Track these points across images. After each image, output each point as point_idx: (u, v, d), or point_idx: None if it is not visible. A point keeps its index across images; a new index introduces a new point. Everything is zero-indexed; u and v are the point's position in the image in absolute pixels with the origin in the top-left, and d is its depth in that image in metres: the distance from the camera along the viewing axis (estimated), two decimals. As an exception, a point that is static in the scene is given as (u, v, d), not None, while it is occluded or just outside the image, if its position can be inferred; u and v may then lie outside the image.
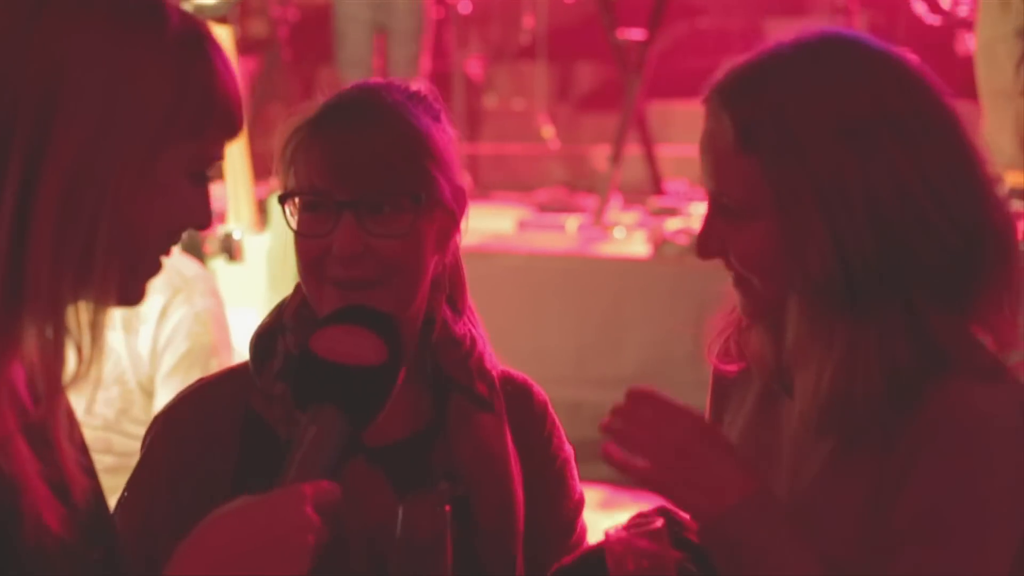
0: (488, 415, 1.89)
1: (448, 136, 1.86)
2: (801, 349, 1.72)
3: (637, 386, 1.73)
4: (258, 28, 8.91)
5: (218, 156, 1.54)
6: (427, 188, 1.81)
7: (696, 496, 1.68)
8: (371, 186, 1.79)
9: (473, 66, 8.91)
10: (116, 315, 2.75)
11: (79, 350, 1.45)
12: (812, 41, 1.74)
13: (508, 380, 1.96)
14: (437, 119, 1.86)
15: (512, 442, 1.91)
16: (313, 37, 8.83)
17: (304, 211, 1.81)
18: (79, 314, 1.45)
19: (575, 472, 2.01)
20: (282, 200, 1.82)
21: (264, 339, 1.88)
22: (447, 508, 1.68)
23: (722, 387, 1.95)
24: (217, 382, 1.94)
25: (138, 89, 1.45)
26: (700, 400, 6.15)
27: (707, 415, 1.98)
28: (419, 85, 1.90)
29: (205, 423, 1.87)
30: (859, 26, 6.84)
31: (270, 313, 1.91)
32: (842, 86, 1.70)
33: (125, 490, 1.88)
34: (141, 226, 1.47)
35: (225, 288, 3.12)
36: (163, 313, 2.84)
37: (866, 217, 1.67)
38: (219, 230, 3.94)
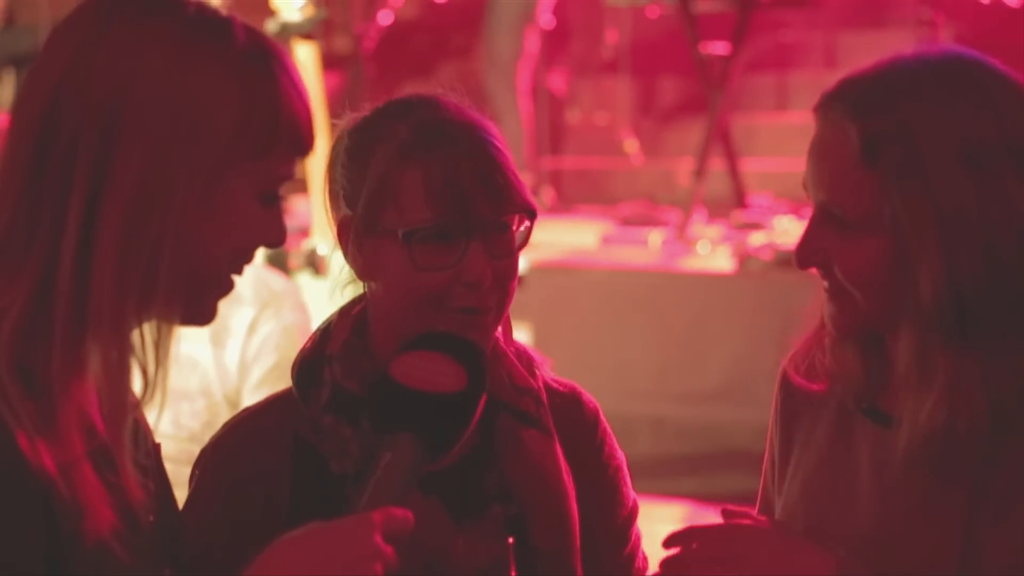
0: (536, 432, 1.85)
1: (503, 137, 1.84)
2: (907, 381, 1.71)
3: (675, 532, 1.74)
4: (342, 44, 8.97)
5: (288, 175, 1.52)
6: (528, 198, 1.80)
7: None
8: (495, 210, 1.76)
9: (556, 80, 8.92)
10: (204, 329, 2.78)
11: (144, 371, 1.45)
12: (936, 59, 1.73)
13: (555, 391, 1.92)
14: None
15: (563, 454, 1.88)
16: (396, 52, 8.88)
17: (424, 243, 1.75)
18: (144, 335, 1.45)
19: (628, 479, 1.98)
20: (408, 238, 1.75)
21: (308, 367, 1.84)
22: (510, 540, 1.66)
23: (793, 403, 1.92)
24: (263, 411, 1.91)
25: (203, 109, 1.44)
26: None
27: (771, 432, 1.96)
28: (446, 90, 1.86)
29: (254, 452, 1.84)
30: (944, 39, 6.78)
31: (311, 339, 1.87)
32: (968, 110, 1.68)
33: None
34: (206, 247, 1.46)
35: (310, 302, 3.15)
36: (252, 327, 2.86)
37: (981, 248, 1.65)
38: (304, 245, 3.97)
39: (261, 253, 2.03)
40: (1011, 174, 1.67)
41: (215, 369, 2.85)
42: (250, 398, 2.80)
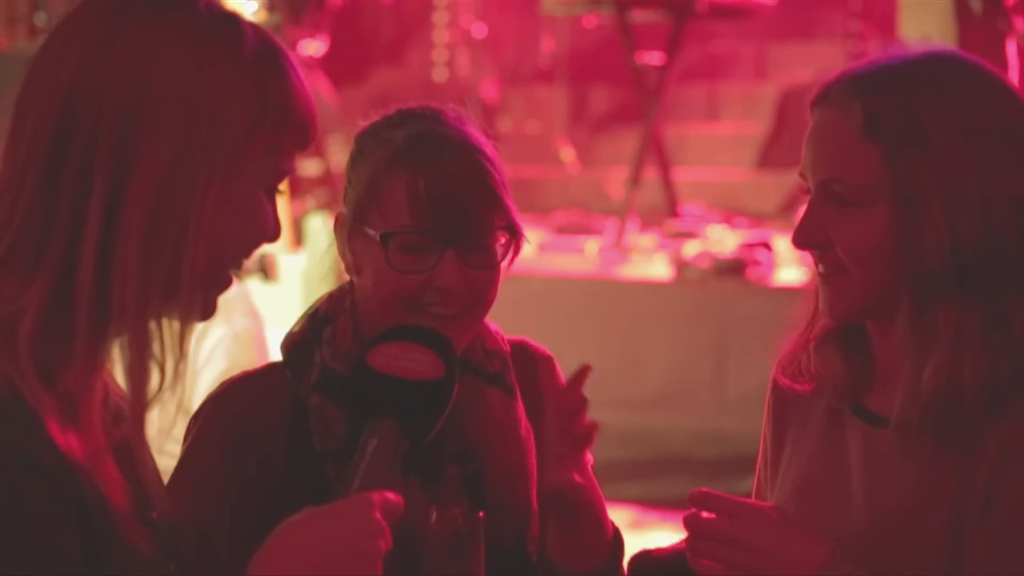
0: (499, 391, 1.92)
1: (500, 155, 1.91)
2: (906, 345, 1.76)
3: (696, 490, 1.78)
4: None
5: (291, 170, 1.54)
6: (513, 216, 1.87)
7: None
8: (473, 222, 1.83)
9: (487, 89, 8.95)
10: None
11: (162, 368, 1.46)
12: (933, 52, 1.83)
13: (512, 348, 1.98)
14: (487, 138, 1.91)
15: (525, 413, 1.93)
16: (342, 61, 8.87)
17: (401, 246, 1.83)
18: (163, 332, 1.46)
19: None
20: (385, 239, 1.83)
21: (299, 349, 1.91)
22: (481, 513, 1.70)
23: (784, 406, 1.97)
24: (263, 373, 1.96)
25: (220, 105, 1.45)
26: (720, 422, 6.16)
27: (765, 433, 2.00)
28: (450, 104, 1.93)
29: (254, 408, 1.90)
30: (872, 52, 6.85)
31: (300, 322, 1.93)
32: (967, 93, 1.78)
33: (175, 474, 1.88)
34: (224, 241, 1.47)
35: (260, 307, 3.14)
36: (202, 333, 2.84)
37: (980, 214, 1.72)
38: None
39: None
40: (1006, 151, 1.75)
41: (167, 377, 2.83)
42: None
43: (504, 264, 1.88)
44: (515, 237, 1.87)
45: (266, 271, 3.88)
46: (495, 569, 1.83)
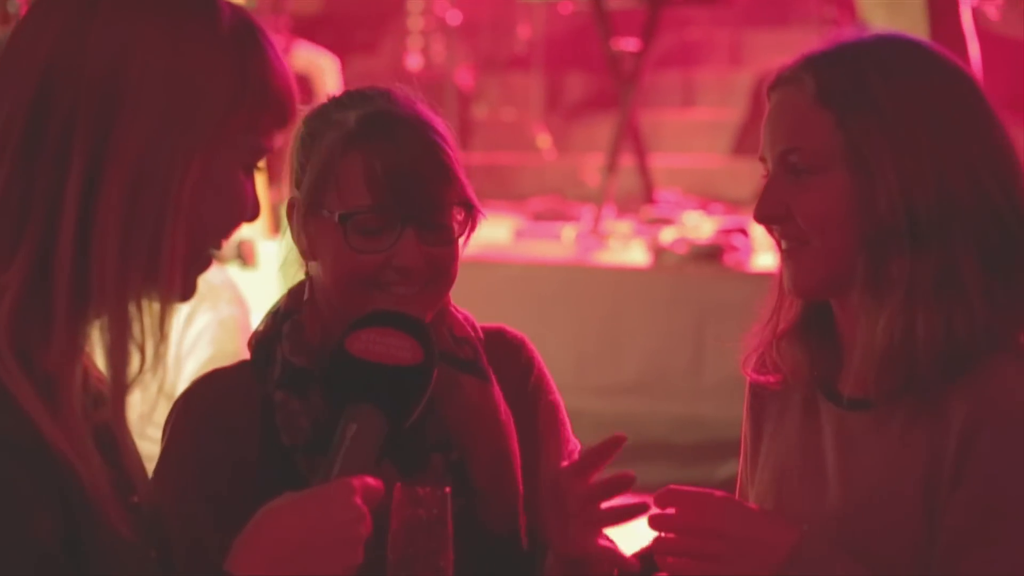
0: (474, 378, 1.93)
1: (451, 132, 1.93)
2: (863, 303, 1.77)
3: (664, 489, 1.79)
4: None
5: (270, 148, 1.52)
6: (468, 192, 1.89)
7: (748, 567, 1.75)
8: (430, 200, 1.85)
9: (462, 76, 8.95)
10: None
11: (142, 350, 1.44)
12: (887, 34, 1.88)
13: (486, 333, 2.00)
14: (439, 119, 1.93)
15: (504, 398, 1.94)
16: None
17: (359, 227, 1.84)
18: (143, 313, 1.44)
19: (566, 419, 2.04)
20: (344, 220, 1.84)
21: (262, 347, 1.92)
22: (447, 489, 1.70)
23: (760, 399, 1.98)
24: (233, 370, 1.97)
25: (199, 82, 1.44)
26: (698, 407, 6.18)
27: (744, 426, 2.01)
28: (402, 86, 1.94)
29: (224, 406, 1.91)
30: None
31: (265, 320, 1.95)
32: (915, 64, 1.82)
33: (155, 471, 1.87)
34: (204, 221, 1.46)
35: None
36: (188, 320, 2.84)
37: (932, 173, 1.75)
38: (233, 236, 3.96)
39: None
40: (955, 116, 1.79)
41: (150, 362, 2.83)
42: (184, 391, 2.80)
43: (462, 240, 1.89)
44: (471, 212, 1.89)
45: (245, 258, 3.87)
46: (487, 556, 1.85)
